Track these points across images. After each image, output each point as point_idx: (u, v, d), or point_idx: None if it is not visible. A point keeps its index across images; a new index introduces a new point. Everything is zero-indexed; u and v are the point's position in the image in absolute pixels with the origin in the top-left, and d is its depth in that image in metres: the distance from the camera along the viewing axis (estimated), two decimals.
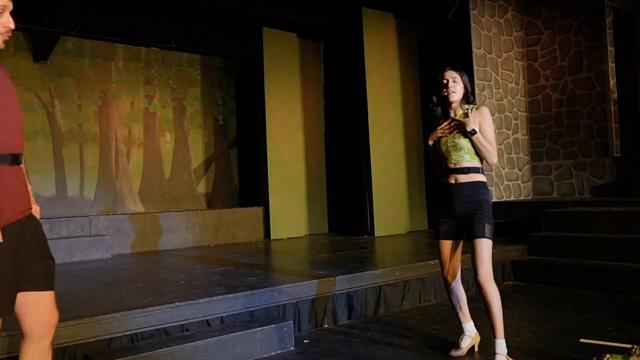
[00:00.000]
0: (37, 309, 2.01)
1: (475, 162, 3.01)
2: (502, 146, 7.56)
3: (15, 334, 2.63)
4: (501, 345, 2.92)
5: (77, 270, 5.16)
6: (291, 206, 7.82)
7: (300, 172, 8.05)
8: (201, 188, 8.40)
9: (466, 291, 4.68)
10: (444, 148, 3.06)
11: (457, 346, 3.25)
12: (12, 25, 1.87)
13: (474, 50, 7.35)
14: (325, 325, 4.01)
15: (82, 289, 4.13)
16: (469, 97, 3.08)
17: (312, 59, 8.45)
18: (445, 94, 3.03)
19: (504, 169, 7.55)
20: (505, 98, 7.72)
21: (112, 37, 7.51)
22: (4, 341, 2.73)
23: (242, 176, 8.74)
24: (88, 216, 6.50)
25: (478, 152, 3.01)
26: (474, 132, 2.93)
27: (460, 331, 3.32)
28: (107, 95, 7.64)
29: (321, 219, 8.32)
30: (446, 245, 3.15)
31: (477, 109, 3.03)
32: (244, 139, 8.67)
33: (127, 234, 6.60)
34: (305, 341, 3.63)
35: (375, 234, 7.30)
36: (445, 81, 3.05)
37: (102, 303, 3.49)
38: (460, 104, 3.07)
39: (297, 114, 8.09)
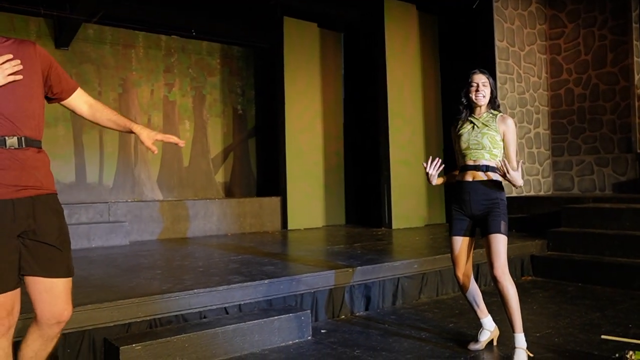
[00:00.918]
0: (46, 297, 2.00)
1: (493, 162, 3.03)
2: (523, 140, 7.46)
3: (28, 317, 2.66)
4: (520, 340, 2.90)
5: (95, 256, 5.22)
6: (309, 197, 7.83)
7: (319, 163, 8.04)
8: (219, 177, 8.43)
9: (484, 285, 4.69)
10: (464, 146, 3.06)
11: (476, 340, 3.23)
12: None
13: (497, 42, 7.24)
14: (342, 316, 4.01)
15: (101, 274, 4.18)
16: (494, 102, 3.09)
17: (332, 49, 8.41)
18: (475, 98, 3.04)
19: (524, 163, 7.45)
20: (527, 92, 7.60)
21: (133, 25, 7.54)
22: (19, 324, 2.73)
23: (260, 166, 8.75)
24: (107, 202, 6.57)
25: (500, 153, 3.03)
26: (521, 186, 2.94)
27: (478, 325, 3.30)
28: (127, 82, 7.68)
29: (338, 211, 8.32)
30: (460, 242, 3.13)
31: (502, 117, 3.05)
32: (262, 128, 8.67)
33: (145, 221, 6.67)
34: (322, 331, 3.64)
35: (393, 227, 7.28)
36: (475, 84, 3.05)
37: (121, 288, 3.52)
38: (487, 108, 3.07)
39: (316, 104, 8.07)
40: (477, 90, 3.03)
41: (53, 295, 2.00)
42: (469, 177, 3.04)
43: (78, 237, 5.87)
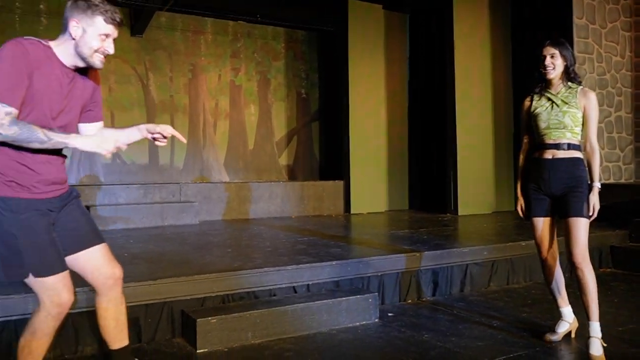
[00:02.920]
0: (90, 266, 2.15)
1: (575, 140, 2.88)
2: (603, 125, 7.04)
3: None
4: (596, 328, 2.77)
5: (169, 234, 5.43)
6: (372, 181, 7.79)
7: (382, 147, 7.97)
8: (283, 160, 8.53)
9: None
10: (543, 125, 2.91)
11: (553, 331, 3.10)
12: (111, 51, 2.04)
13: (575, 20, 6.85)
14: (409, 300, 3.97)
15: (176, 250, 4.34)
16: (569, 74, 2.90)
17: (397, 32, 8.26)
18: (544, 71, 2.89)
19: (603, 149, 7.03)
20: (609, 72, 7.15)
21: (202, 11, 7.69)
22: (86, 295, 2.87)
23: (323, 149, 8.78)
24: (179, 183, 6.82)
25: (581, 130, 2.89)
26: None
27: (554, 315, 3.17)
28: (196, 68, 7.88)
29: (402, 195, 8.23)
30: (541, 223, 2.99)
31: (583, 91, 2.88)
32: (326, 112, 8.67)
33: (213, 202, 6.87)
34: (389, 314, 3.62)
35: (459, 213, 7.12)
36: (542, 57, 2.90)
37: (196, 264, 3.65)
38: (562, 80, 2.91)
39: (381, 87, 7.98)
40: (543, 63, 2.88)
41: (97, 261, 2.17)
42: (548, 155, 2.90)
43: (152, 215, 6.13)
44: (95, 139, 1.99)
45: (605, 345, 2.78)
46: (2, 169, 1.91)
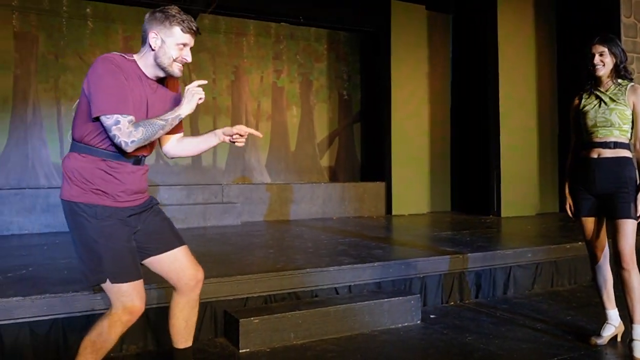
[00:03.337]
0: (175, 267, 2.23)
1: (623, 138, 2.82)
2: None
3: (164, 286, 2.92)
4: (639, 331, 2.73)
5: (212, 234, 5.57)
6: (413, 182, 7.76)
7: (424, 148, 7.93)
8: (324, 161, 8.58)
9: None
10: (590, 123, 2.87)
11: (598, 334, 3.04)
12: (189, 59, 2.12)
13: (623, 19, 6.63)
14: (452, 302, 3.95)
15: (218, 251, 4.46)
16: (619, 71, 2.84)
17: (440, 32, 8.20)
18: (593, 69, 2.85)
19: None
20: None
21: (245, 13, 7.84)
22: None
23: (364, 151, 8.79)
24: (221, 184, 6.97)
25: (630, 128, 2.82)
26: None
27: (600, 319, 3.11)
28: (239, 70, 8.02)
29: (443, 197, 8.16)
30: (589, 223, 2.95)
31: (633, 88, 2.82)
32: (368, 113, 8.67)
33: (255, 203, 6.99)
34: (431, 316, 3.61)
35: (502, 215, 7.02)
36: (591, 55, 2.86)
37: (239, 265, 3.74)
38: (611, 78, 2.86)
39: (423, 88, 7.93)
40: (592, 61, 2.84)
41: (181, 263, 2.27)
42: (594, 154, 2.85)
43: (195, 216, 6.28)
44: (187, 97, 2.12)
45: None
46: (90, 177, 2.02)
